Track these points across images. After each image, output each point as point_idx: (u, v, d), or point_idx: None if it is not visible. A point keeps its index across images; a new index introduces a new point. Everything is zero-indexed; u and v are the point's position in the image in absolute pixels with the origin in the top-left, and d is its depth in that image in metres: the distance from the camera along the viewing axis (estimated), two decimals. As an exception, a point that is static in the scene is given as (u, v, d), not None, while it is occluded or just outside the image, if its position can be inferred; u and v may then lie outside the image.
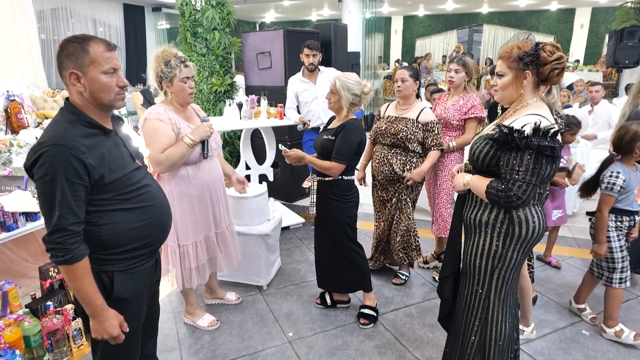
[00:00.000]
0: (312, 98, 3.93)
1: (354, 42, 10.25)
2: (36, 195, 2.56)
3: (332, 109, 2.62)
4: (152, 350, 1.82)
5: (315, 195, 2.63)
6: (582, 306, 2.80)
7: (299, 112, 4.04)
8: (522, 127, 1.60)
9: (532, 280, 2.82)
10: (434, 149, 2.91)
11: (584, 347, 2.51)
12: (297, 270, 3.43)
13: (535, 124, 1.59)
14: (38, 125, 3.67)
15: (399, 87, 2.92)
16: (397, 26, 17.35)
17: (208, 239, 2.55)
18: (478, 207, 1.78)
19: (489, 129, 1.82)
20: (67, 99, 1.46)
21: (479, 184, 1.72)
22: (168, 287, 3.17)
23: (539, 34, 15.37)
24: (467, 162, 1.90)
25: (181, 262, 2.48)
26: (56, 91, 4.65)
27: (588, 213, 2.70)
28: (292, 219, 4.34)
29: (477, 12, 15.77)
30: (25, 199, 2.51)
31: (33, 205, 2.50)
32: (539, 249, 3.44)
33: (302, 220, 4.35)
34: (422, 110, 2.92)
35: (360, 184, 3.16)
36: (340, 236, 2.66)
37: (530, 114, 1.66)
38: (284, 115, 4.00)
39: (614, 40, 6.64)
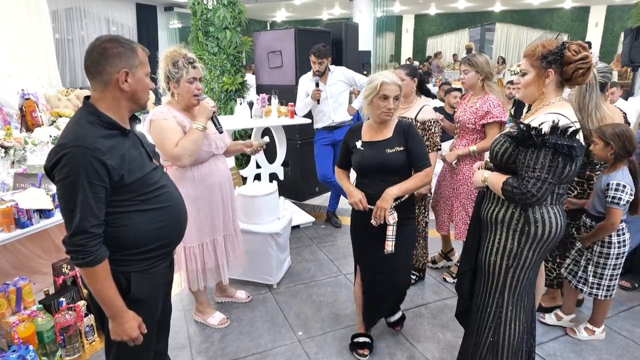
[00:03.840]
0: (323, 98, 3.92)
1: (365, 41, 10.23)
2: (52, 195, 2.59)
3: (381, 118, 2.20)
4: (163, 348, 1.83)
5: (395, 228, 2.11)
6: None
7: (310, 112, 4.04)
8: (539, 125, 1.60)
9: (556, 286, 2.74)
10: (429, 151, 2.82)
11: (598, 350, 2.47)
12: (307, 270, 3.43)
13: (553, 122, 1.59)
14: (52, 124, 3.72)
15: None
16: (408, 25, 17.25)
17: (216, 242, 2.54)
18: (495, 204, 1.80)
19: (510, 127, 1.82)
20: (86, 97, 1.45)
21: (496, 180, 1.73)
22: (178, 285, 3.19)
23: (552, 32, 15.17)
24: (488, 160, 1.91)
25: (187, 264, 2.48)
26: (70, 90, 4.70)
27: None
28: (302, 217, 4.34)
29: (490, 10, 15.61)
30: (39, 196, 2.55)
31: (47, 203, 2.53)
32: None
33: (312, 219, 4.34)
34: (421, 108, 2.87)
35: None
36: (409, 258, 2.36)
37: (550, 113, 1.67)
38: (295, 114, 4.00)
39: (630, 39, 6.50)
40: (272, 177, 4.18)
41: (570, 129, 1.58)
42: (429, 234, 3.16)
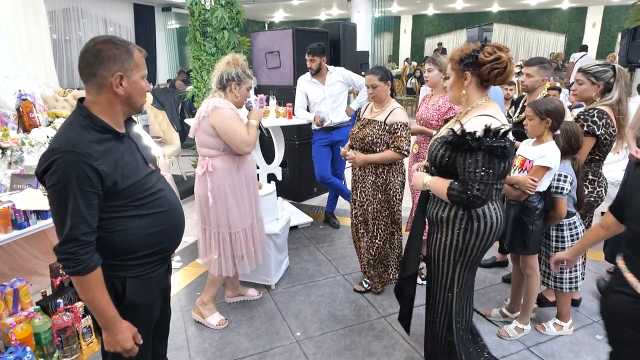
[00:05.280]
0: (321, 98, 3.92)
1: (363, 42, 10.23)
2: (48, 202, 2.59)
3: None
4: (162, 351, 1.82)
5: None
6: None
7: (308, 111, 4.03)
8: (474, 130, 1.69)
9: (575, 289, 2.69)
10: (392, 150, 2.75)
11: (595, 350, 2.47)
12: (306, 270, 3.43)
13: (485, 125, 1.67)
14: (49, 124, 3.70)
15: (371, 93, 2.83)
16: (406, 25, 17.28)
17: (253, 225, 2.71)
18: (439, 205, 1.88)
19: (444, 130, 1.90)
20: (80, 100, 1.41)
21: (440, 185, 1.81)
22: (176, 286, 3.19)
23: (550, 32, 15.23)
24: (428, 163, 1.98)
25: (232, 249, 2.60)
26: (67, 90, 4.69)
27: (603, 214, 2.65)
28: (300, 218, 4.33)
29: (487, 11, 15.65)
30: (36, 197, 2.54)
31: (44, 204, 2.52)
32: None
33: (311, 219, 4.34)
34: (392, 111, 2.80)
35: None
36: None
37: (480, 115, 1.76)
38: (293, 114, 4.00)
39: (627, 39, 6.53)
40: (270, 177, 4.17)
41: (502, 131, 1.67)
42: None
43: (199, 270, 3.42)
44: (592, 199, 2.55)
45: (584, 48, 11.18)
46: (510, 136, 1.74)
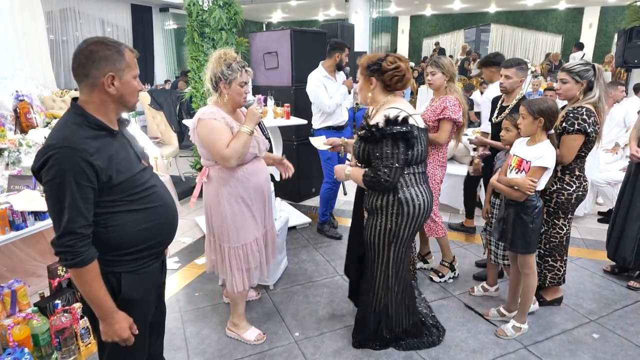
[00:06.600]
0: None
1: (361, 42, 10.24)
2: (44, 197, 2.58)
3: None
4: (158, 350, 1.83)
5: None
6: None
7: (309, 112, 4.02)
8: (377, 122, 1.96)
9: (563, 281, 2.80)
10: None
11: (593, 349, 2.48)
12: (304, 270, 3.43)
13: (385, 116, 1.93)
14: (47, 125, 3.70)
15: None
16: (404, 26, 17.30)
17: (258, 240, 2.51)
18: (374, 195, 2.15)
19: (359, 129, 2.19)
20: (74, 99, 1.45)
21: (357, 174, 2.12)
22: (174, 287, 3.19)
23: (547, 33, 15.27)
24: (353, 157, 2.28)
25: (243, 262, 2.43)
26: (64, 91, 4.68)
27: (600, 213, 2.69)
28: (298, 218, 4.34)
29: (485, 11, 15.69)
30: (34, 198, 2.53)
31: (42, 205, 2.52)
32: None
33: (309, 220, 4.34)
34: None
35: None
36: None
37: (387, 109, 2.02)
38: (290, 115, 3.99)
39: (623, 40, 6.57)
40: (268, 178, 4.16)
41: (400, 117, 1.91)
42: None
43: (197, 271, 3.42)
44: (580, 193, 2.58)
45: (580, 46, 11.09)
46: (413, 121, 1.98)
